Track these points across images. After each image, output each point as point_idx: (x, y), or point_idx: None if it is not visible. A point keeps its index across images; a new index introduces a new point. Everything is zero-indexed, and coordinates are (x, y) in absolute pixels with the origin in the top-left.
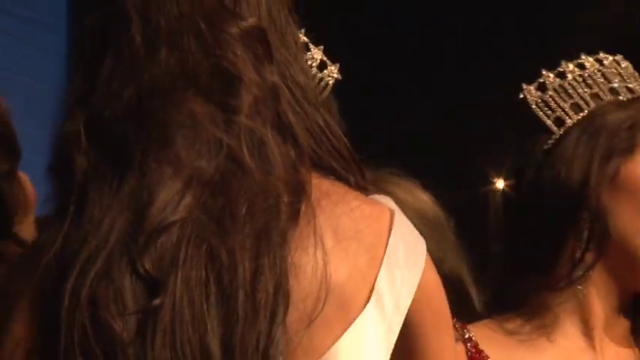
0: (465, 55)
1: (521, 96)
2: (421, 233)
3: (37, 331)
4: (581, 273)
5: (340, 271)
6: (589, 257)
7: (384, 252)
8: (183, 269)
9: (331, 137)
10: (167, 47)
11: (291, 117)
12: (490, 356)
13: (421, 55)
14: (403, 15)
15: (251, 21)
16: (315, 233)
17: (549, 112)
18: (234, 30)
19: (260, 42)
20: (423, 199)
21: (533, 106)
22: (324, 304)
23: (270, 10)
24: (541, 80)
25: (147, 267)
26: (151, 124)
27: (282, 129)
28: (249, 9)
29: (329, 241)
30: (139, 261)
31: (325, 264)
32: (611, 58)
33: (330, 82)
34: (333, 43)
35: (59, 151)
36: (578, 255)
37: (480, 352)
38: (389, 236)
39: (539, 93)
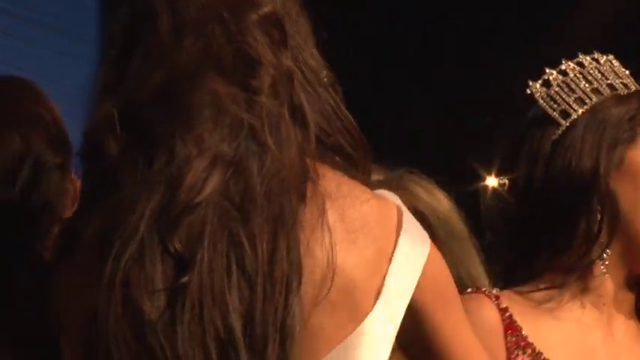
0: (466, 53)
1: (528, 92)
2: (436, 232)
3: (78, 312)
4: (599, 252)
5: (348, 260)
6: (604, 237)
7: (394, 246)
8: (207, 251)
9: (341, 116)
10: (193, 35)
11: (303, 98)
12: (523, 326)
13: (422, 53)
14: (404, 12)
15: (269, 7)
16: (325, 223)
17: (555, 105)
18: (253, 16)
19: (276, 27)
20: (440, 198)
21: (540, 101)
22: (330, 287)
23: (284, 3)
24: (545, 77)
25: (176, 246)
26: (178, 107)
27: (294, 111)
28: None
29: (338, 231)
30: (169, 241)
31: (334, 252)
32: (604, 57)
33: None
34: (334, 40)
35: (91, 136)
36: (594, 234)
37: (514, 322)
38: (398, 232)
39: (544, 89)
